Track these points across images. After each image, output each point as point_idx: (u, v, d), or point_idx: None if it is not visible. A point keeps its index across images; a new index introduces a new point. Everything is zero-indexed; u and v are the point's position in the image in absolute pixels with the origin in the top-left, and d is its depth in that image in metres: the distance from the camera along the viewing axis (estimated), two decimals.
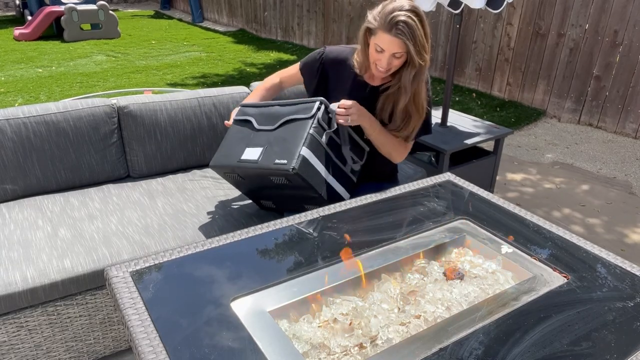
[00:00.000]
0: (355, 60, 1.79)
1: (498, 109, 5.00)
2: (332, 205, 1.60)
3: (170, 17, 10.48)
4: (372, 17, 1.59)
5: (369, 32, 1.63)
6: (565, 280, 1.29)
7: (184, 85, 5.57)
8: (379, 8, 1.59)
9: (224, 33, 8.82)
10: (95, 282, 1.73)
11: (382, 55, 1.60)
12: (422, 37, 1.57)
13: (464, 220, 1.57)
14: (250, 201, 2.14)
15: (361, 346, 1.13)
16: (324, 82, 1.89)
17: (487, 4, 2.68)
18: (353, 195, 1.92)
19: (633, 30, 4.23)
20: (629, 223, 3.09)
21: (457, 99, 5.30)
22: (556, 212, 3.18)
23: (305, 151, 1.63)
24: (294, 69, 1.99)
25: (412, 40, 1.55)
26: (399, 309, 1.25)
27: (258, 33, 8.66)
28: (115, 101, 2.26)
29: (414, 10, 1.56)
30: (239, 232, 1.43)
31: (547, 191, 3.46)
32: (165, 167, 2.36)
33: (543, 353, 1.04)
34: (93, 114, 2.17)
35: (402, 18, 1.52)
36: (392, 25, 1.53)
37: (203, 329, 1.07)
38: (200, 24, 9.79)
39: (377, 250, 1.40)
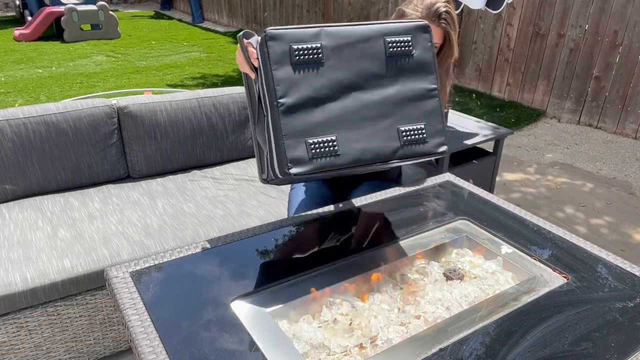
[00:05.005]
0: None
1: (498, 110, 5.00)
2: (333, 205, 1.60)
3: (170, 18, 10.48)
4: (412, 9, 1.58)
5: None
6: (565, 281, 1.29)
7: (183, 85, 5.57)
8: (414, 1, 1.60)
9: (224, 33, 8.82)
10: (95, 283, 1.73)
11: None
12: (457, 28, 1.61)
13: (464, 221, 1.57)
14: (249, 201, 2.14)
15: (361, 346, 1.13)
16: None
17: (487, 4, 2.68)
18: (353, 195, 1.93)
19: (633, 30, 4.23)
20: (629, 223, 3.09)
21: (457, 99, 5.30)
22: (557, 212, 3.18)
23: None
24: None
25: (453, 30, 1.58)
26: (399, 309, 1.25)
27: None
28: (115, 101, 2.26)
29: (448, 0, 1.59)
30: (238, 232, 1.43)
31: (547, 191, 3.46)
32: (165, 168, 2.36)
33: (543, 353, 1.04)
34: (93, 115, 2.17)
35: (445, 8, 1.55)
36: (437, 15, 1.54)
37: (203, 329, 1.07)
38: (200, 24, 9.78)
39: (377, 250, 1.40)
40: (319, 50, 1.09)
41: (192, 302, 1.15)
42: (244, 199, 2.16)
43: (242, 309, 1.15)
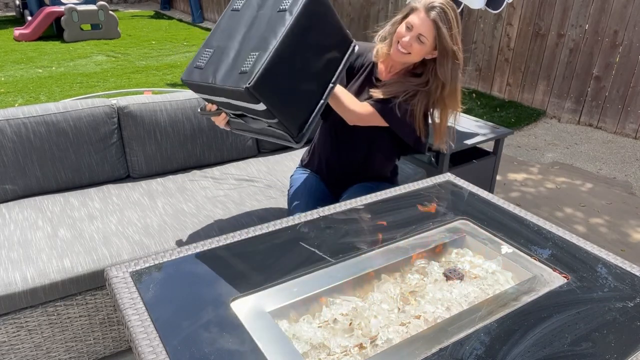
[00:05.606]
0: (378, 48, 1.85)
1: (498, 109, 5.00)
2: (333, 205, 1.60)
3: (170, 18, 10.48)
4: (417, 0, 1.69)
5: (410, 12, 1.71)
6: (565, 281, 1.29)
7: (183, 85, 5.57)
8: None
9: None
10: (95, 283, 1.73)
11: (409, 33, 1.68)
12: (455, 28, 1.69)
13: (464, 221, 1.57)
14: (249, 201, 2.14)
15: (361, 346, 1.13)
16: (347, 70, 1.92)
17: (487, 4, 2.68)
18: (347, 194, 1.93)
19: (633, 30, 4.23)
20: (629, 223, 3.09)
21: None
22: (557, 212, 3.18)
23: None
24: None
25: (446, 26, 1.65)
26: (399, 309, 1.25)
27: None
28: (115, 101, 2.26)
29: (450, 3, 1.68)
30: (238, 232, 1.43)
31: (548, 191, 3.46)
32: (165, 168, 2.36)
33: (543, 353, 1.04)
34: (93, 114, 2.17)
35: (439, 4, 1.65)
36: (429, 7, 1.65)
37: (203, 329, 1.07)
38: (200, 24, 9.78)
39: (377, 250, 1.40)
40: (205, 51, 1.52)
41: (192, 302, 1.15)
42: (244, 199, 2.16)
43: (242, 309, 1.15)
